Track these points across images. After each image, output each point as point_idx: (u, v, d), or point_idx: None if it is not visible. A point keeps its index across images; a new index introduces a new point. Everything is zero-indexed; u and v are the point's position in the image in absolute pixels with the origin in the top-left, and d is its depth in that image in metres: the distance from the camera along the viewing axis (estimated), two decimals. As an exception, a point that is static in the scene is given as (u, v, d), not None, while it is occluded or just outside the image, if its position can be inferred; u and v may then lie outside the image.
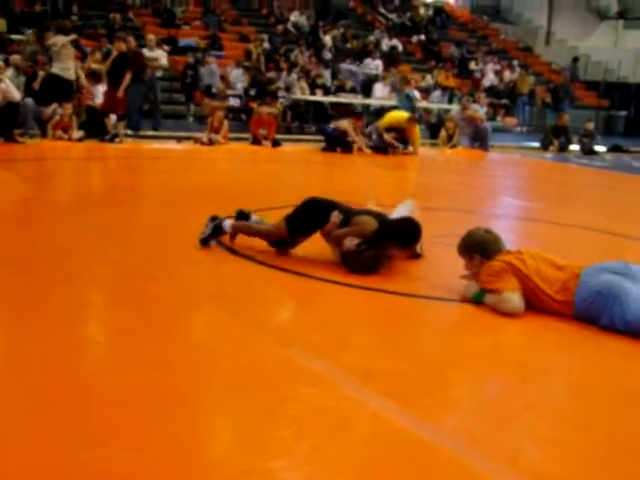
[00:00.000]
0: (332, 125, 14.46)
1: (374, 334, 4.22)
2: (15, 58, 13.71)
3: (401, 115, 14.75)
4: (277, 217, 5.67)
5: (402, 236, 5.20)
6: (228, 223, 5.44)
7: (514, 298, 4.43)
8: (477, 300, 4.59)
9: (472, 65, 24.61)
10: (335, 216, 5.26)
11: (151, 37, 16.55)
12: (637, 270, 4.39)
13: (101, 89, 13.76)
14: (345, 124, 14.15)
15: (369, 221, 5.24)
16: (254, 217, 5.71)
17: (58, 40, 13.56)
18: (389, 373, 3.50)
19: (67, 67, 13.39)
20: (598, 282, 4.31)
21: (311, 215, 5.37)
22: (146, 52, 15.29)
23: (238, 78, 18.61)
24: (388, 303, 4.69)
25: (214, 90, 18.24)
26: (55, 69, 13.42)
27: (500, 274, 4.50)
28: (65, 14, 19.47)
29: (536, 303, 4.50)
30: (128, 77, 13.07)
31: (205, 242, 5.46)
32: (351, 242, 5.13)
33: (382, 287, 4.86)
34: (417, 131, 14.67)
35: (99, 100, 13.64)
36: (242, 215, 5.68)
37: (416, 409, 3.13)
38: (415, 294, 4.85)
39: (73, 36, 13.88)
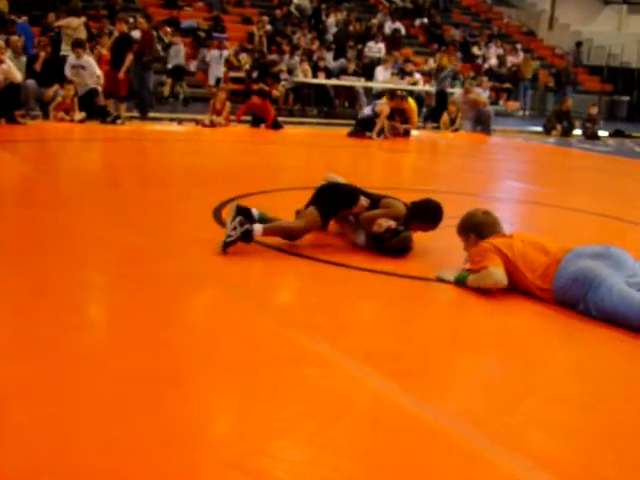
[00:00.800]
0: (372, 107, 14.09)
1: (377, 315, 4.22)
2: (14, 39, 13.61)
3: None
4: (280, 200, 5.65)
5: (432, 216, 5.35)
6: (259, 227, 4.98)
7: (497, 272, 4.46)
8: (460, 283, 4.62)
9: (475, 50, 24.51)
10: (364, 200, 5.31)
11: (140, 17, 16.41)
12: (617, 253, 4.39)
13: (88, 59, 13.39)
14: (384, 106, 13.94)
15: (399, 204, 5.34)
16: (254, 211, 5.29)
17: (71, 22, 13.65)
18: (392, 354, 3.50)
19: None
20: (574, 269, 4.30)
21: (341, 199, 5.34)
22: (137, 34, 15.18)
23: (215, 60, 18.40)
24: (391, 285, 4.69)
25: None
26: (67, 51, 13.47)
27: (486, 254, 4.57)
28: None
29: (521, 287, 4.55)
30: (129, 58, 13.03)
31: (228, 246, 4.83)
32: (387, 223, 5.19)
33: (384, 269, 4.86)
34: (411, 105, 14.63)
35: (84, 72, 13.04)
36: (243, 211, 5.14)
37: (419, 391, 3.13)
38: (417, 276, 4.84)
39: (84, 18, 13.93)
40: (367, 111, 14.04)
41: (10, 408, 2.73)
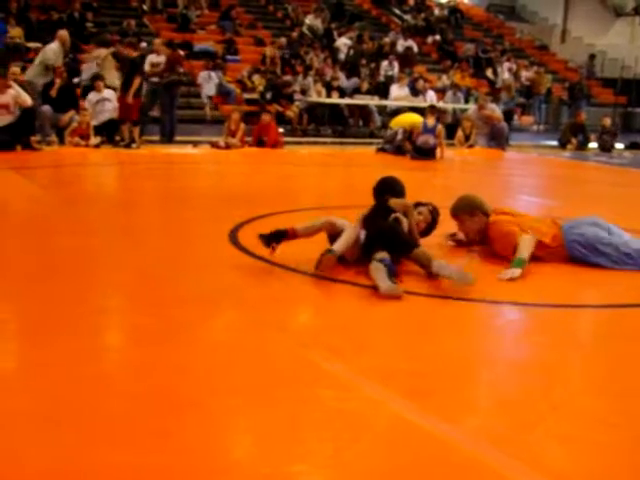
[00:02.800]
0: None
1: (393, 335, 4.18)
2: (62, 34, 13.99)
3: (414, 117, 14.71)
4: (295, 220, 5.65)
5: (400, 189, 5.90)
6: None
7: (527, 237, 5.29)
8: (521, 265, 5.11)
9: (489, 73, 24.39)
10: None
11: (157, 41, 16.49)
12: (603, 222, 5.55)
13: (109, 91, 13.80)
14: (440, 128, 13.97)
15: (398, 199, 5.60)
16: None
17: (101, 53, 14.60)
18: (409, 374, 3.47)
19: (110, 77, 14.18)
20: (579, 229, 5.38)
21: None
22: (154, 58, 15.28)
23: (206, 80, 18.52)
24: (406, 303, 4.64)
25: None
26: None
27: (510, 226, 5.43)
28: (81, 22, 19.60)
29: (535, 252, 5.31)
30: (137, 82, 13.18)
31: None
32: (420, 216, 5.74)
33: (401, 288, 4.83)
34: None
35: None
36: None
37: (437, 410, 3.10)
38: (432, 294, 4.80)
39: (112, 48, 14.59)
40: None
41: (26, 433, 2.72)
